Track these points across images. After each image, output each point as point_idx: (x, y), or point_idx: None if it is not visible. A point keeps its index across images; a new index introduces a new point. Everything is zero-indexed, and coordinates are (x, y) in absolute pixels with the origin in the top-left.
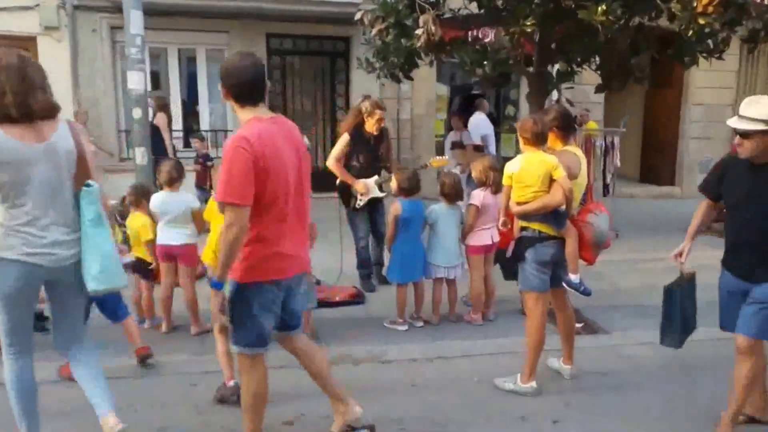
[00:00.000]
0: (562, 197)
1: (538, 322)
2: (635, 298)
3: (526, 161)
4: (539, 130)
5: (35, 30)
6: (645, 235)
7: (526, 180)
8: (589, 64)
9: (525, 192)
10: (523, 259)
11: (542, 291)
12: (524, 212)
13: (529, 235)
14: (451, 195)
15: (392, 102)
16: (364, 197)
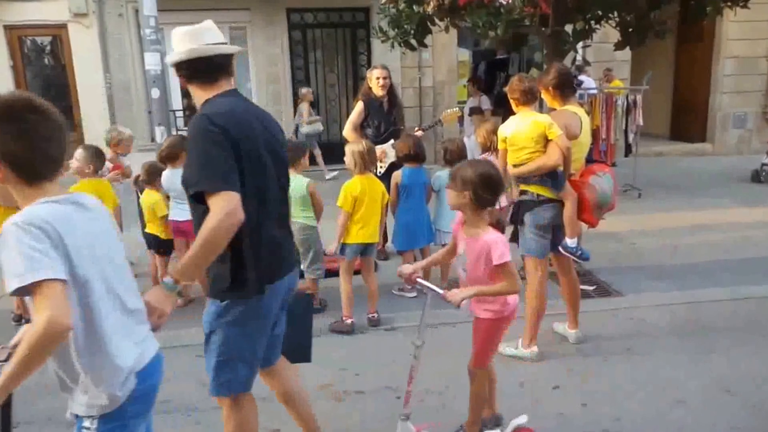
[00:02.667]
0: (558, 157)
1: (538, 286)
2: (653, 259)
3: (519, 122)
4: (526, 88)
5: (65, 17)
6: (669, 194)
7: (520, 142)
8: (608, 21)
9: (519, 154)
10: (522, 222)
11: (542, 255)
12: (520, 174)
13: (527, 198)
14: (456, 161)
15: (413, 70)
16: (384, 163)
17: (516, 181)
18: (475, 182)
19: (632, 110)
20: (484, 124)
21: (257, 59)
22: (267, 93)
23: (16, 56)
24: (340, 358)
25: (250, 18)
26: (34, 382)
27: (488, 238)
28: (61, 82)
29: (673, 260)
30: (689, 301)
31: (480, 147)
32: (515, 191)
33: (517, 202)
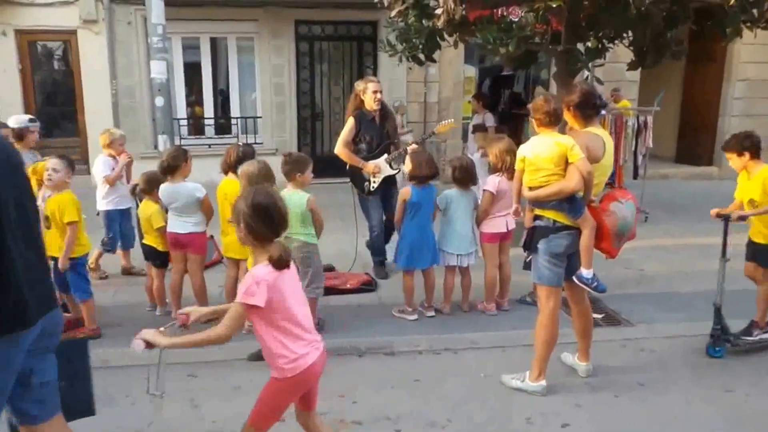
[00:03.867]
0: (578, 182)
1: (549, 317)
2: (664, 286)
3: (538, 143)
4: (550, 109)
5: (75, 23)
6: (677, 218)
7: (538, 163)
8: (621, 40)
9: (536, 176)
10: (535, 250)
11: (555, 285)
12: (537, 198)
13: (542, 224)
14: (463, 179)
15: (419, 85)
16: (377, 178)
17: (530, 205)
18: (247, 213)
19: (642, 132)
20: (497, 143)
21: (263, 70)
22: (272, 104)
23: (24, 60)
24: (337, 384)
25: (258, 29)
26: None
27: (251, 271)
28: (68, 87)
29: (684, 287)
30: (703, 332)
31: (491, 167)
32: (529, 215)
33: (530, 227)
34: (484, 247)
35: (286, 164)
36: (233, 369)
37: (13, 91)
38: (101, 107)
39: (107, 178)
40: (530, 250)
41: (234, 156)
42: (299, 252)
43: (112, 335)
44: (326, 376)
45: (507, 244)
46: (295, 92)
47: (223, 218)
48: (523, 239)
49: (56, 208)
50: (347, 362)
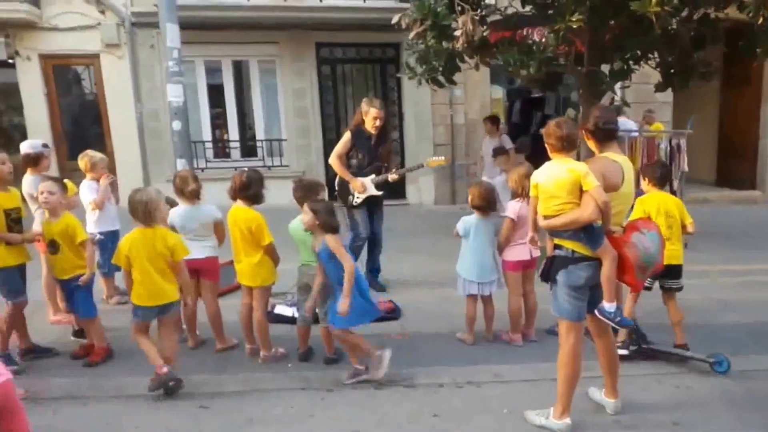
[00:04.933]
0: (592, 211)
1: (570, 353)
2: (701, 317)
3: (551, 169)
4: (563, 135)
5: (98, 48)
6: (717, 245)
7: (551, 190)
8: (647, 61)
9: (549, 204)
10: (554, 281)
11: (576, 319)
12: (550, 227)
13: (561, 254)
14: (482, 206)
15: (444, 107)
16: (362, 195)
17: (550, 234)
18: None
19: (676, 155)
20: (518, 169)
21: (286, 93)
22: (295, 127)
23: (50, 84)
24: (352, 418)
25: (279, 52)
26: None
27: None
28: (94, 110)
29: (723, 319)
30: (744, 368)
31: (511, 192)
32: (550, 244)
33: (549, 257)
34: (507, 276)
35: (298, 190)
36: (246, 400)
37: (40, 115)
38: (127, 130)
39: (94, 202)
40: (549, 280)
41: (239, 182)
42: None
43: (123, 362)
44: (340, 408)
45: (531, 272)
46: (318, 115)
47: (234, 244)
48: (540, 269)
49: (65, 230)
50: (363, 396)
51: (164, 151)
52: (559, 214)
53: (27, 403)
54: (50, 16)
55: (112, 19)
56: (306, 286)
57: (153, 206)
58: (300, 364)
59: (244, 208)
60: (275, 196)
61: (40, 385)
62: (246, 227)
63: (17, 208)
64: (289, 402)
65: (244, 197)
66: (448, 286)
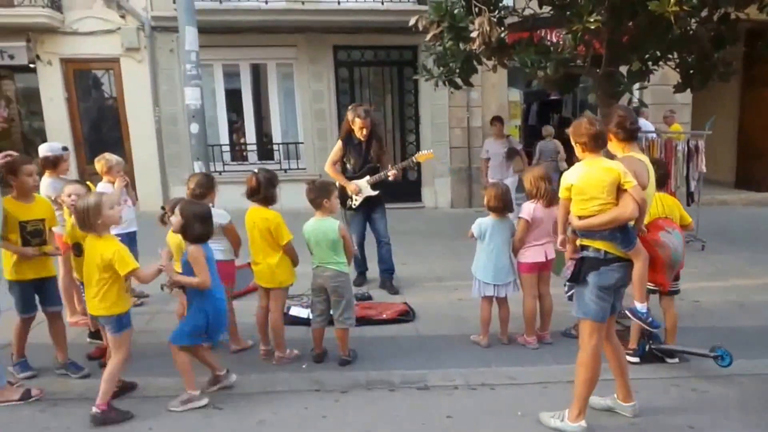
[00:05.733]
0: (634, 210)
1: (592, 355)
2: (720, 320)
3: (588, 170)
4: (596, 132)
5: (118, 52)
6: (736, 247)
7: (590, 191)
8: (666, 62)
9: (588, 205)
10: (584, 282)
11: (600, 320)
12: (589, 227)
13: (591, 255)
14: (498, 208)
15: (461, 110)
16: (358, 197)
17: (572, 235)
18: None
19: (694, 156)
20: (532, 170)
21: (303, 96)
22: (312, 129)
23: (70, 89)
24: (366, 420)
25: (297, 55)
26: None
27: None
28: (113, 114)
29: (741, 322)
30: (760, 372)
31: (526, 193)
32: (570, 247)
33: (579, 258)
34: (522, 278)
35: (312, 192)
36: (260, 401)
37: (60, 119)
38: (145, 134)
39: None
40: (578, 282)
41: (254, 182)
42: (332, 282)
43: (136, 364)
44: (351, 411)
45: (547, 274)
46: (335, 117)
47: (252, 246)
48: (568, 270)
49: None
50: (376, 397)
51: (182, 154)
52: (597, 214)
53: (43, 404)
54: (72, 20)
55: (132, 23)
56: (321, 288)
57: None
58: (314, 366)
59: (261, 208)
60: (292, 200)
61: (56, 386)
62: (265, 227)
63: (38, 220)
64: (302, 403)
65: (257, 200)
66: (463, 289)
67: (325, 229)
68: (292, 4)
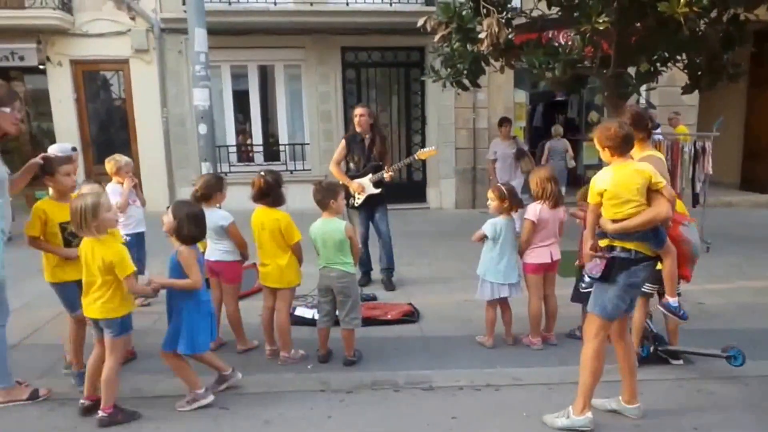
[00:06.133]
0: (669, 209)
1: (599, 348)
2: (724, 322)
3: (620, 173)
4: (625, 134)
5: (127, 53)
6: (741, 248)
7: (625, 194)
8: (675, 63)
9: (623, 208)
10: (614, 282)
11: (613, 319)
12: (625, 230)
13: (623, 256)
14: (510, 207)
15: (467, 111)
16: (361, 195)
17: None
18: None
19: (700, 158)
20: (538, 171)
21: (310, 97)
22: (319, 130)
23: (79, 90)
24: (371, 420)
25: (305, 56)
26: None
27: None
28: (121, 115)
29: (747, 324)
30: (766, 373)
31: (532, 194)
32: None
33: (610, 258)
34: (527, 279)
35: (319, 192)
36: (265, 402)
37: (68, 120)
38: (153, 135)
39: (118, 205)
40: (608, 281)
41: (263, 184)
42: (338, 282)
43: (143, 364)
44: (355, 412)
45: (552, 275)
46: (342, 119)
47: (260, 247)
48: (596, 269)
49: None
50: (380, 397)
51: (188, 155)
52: (633, 216)
53: (51, 404)
54: (82, 22)
55: (141, 25)
56: (327, 289)
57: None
58: (319, 366)
59: (270, 209)
60: (297, 200)
61: (65, 386)
62: (276, 228)
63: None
64: (307, 404)
65: (266, 202)
66: (467, 290)
67: (332, 230)
68: (301, 5)
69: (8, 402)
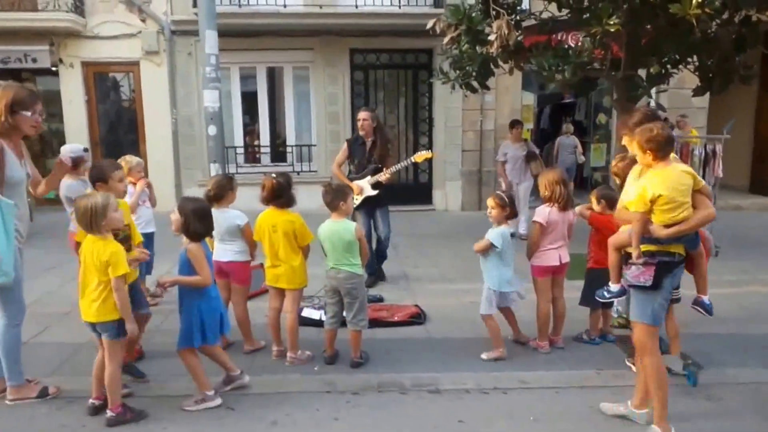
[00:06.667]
0: (713, 208)
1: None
2: (734, 327)
3: (671, 176)
4: (669, 135)
5: (138, 55)
6: (750, 253)
7: (679, 198)
8: (686, 65)
9: (677, 212)
10: (661, 287)
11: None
12: (680, 233)
13: (666, 260)
14: (509, 215)
15: (475, 113)
16: (359, 196)
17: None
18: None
19: (711, 161)
20: (547, 174)
21: (318, 98)
22: (326, 132)
23: (90, 91)
24: (377, 423)
25: (313, 58)
26: None
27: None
28: (130, 116)
29: (758, 329)
30: None
31: (542, 197)
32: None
33: (656, 264)
34: (535, 282)
35: (329, 194)
36: (272, 402)
37: (78, 121)
38: (161, 136)
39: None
40: (657, 288)
41: (270, 187)
42: (346, 283)
43: (151, 363)
44: (362, 414)
45: (561, 278)
46: (349, 120)
47: (270, 248)
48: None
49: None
50: (387, 399)
51: (196, 156)
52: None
53: (59, 402)
54: (94, 25)
55: (152, 27)
56: (334, 290)
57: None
58: (326, 367)
59: (280, 211)
60: (303, 201)
61: (73, 384)
62: (290, 229)
63: (126, 225)
64: (314, 405)
65: (278, 204)
66: (474, 292)
67: (342, 231)
68: (311, 7)
69: (18, 399)
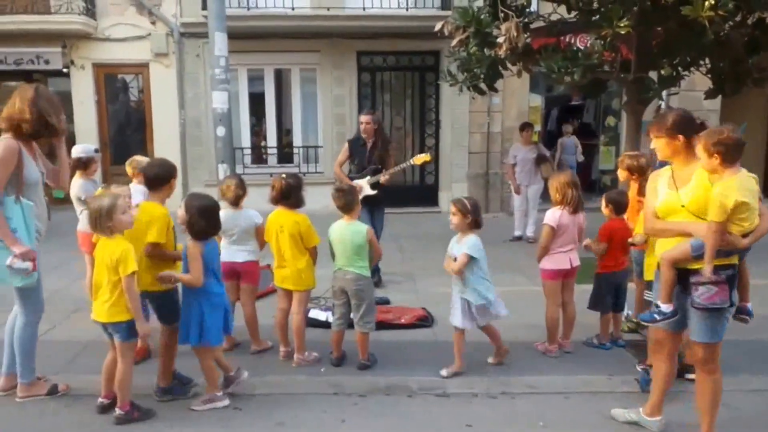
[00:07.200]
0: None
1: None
2: (752, 333)
3: (745, 182)
4: (739, 139)
5: (147, 57)
6: (762, 259)
7: (756, 204)
8: (698, 67)
9: (753, 220)
10: (733, 303)
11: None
12: (756, 240)
13: (731, 272)
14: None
15: (482, 115)
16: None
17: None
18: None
19: None
20: (558, 177)
21: (325, 100)
22: (332, 133)
23: (100, 92)
24: (384, 426)
25: (320, 60)
26: None
27: None
28: (139, 117)
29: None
30: None
31: (552, 200)
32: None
33: (725, 279)
34: (545, 285)
35: (342, 197)
36: (278, 403)
37: (88, 121)
38: (169, 136)
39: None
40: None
41: (280, 187)
42: (353, 285)
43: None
44: (368, 417)
45: (571, 281)
46: (356, 122)
47: (277, 249)
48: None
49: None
50: (394, 402)
51: (203, 157)
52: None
53: (68, 400)
54: (104, 27)
55: (161, 29)
56: (341, 291)
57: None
58: (333, 369)
59: (289, 211)
60: (309, 202)
61: (83, 382)
62: (297, 231)
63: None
64: (321, 406)
65: (286, 204)
66: None
67: (354, 233)
68: (318, 10)
69: (28, 396)
